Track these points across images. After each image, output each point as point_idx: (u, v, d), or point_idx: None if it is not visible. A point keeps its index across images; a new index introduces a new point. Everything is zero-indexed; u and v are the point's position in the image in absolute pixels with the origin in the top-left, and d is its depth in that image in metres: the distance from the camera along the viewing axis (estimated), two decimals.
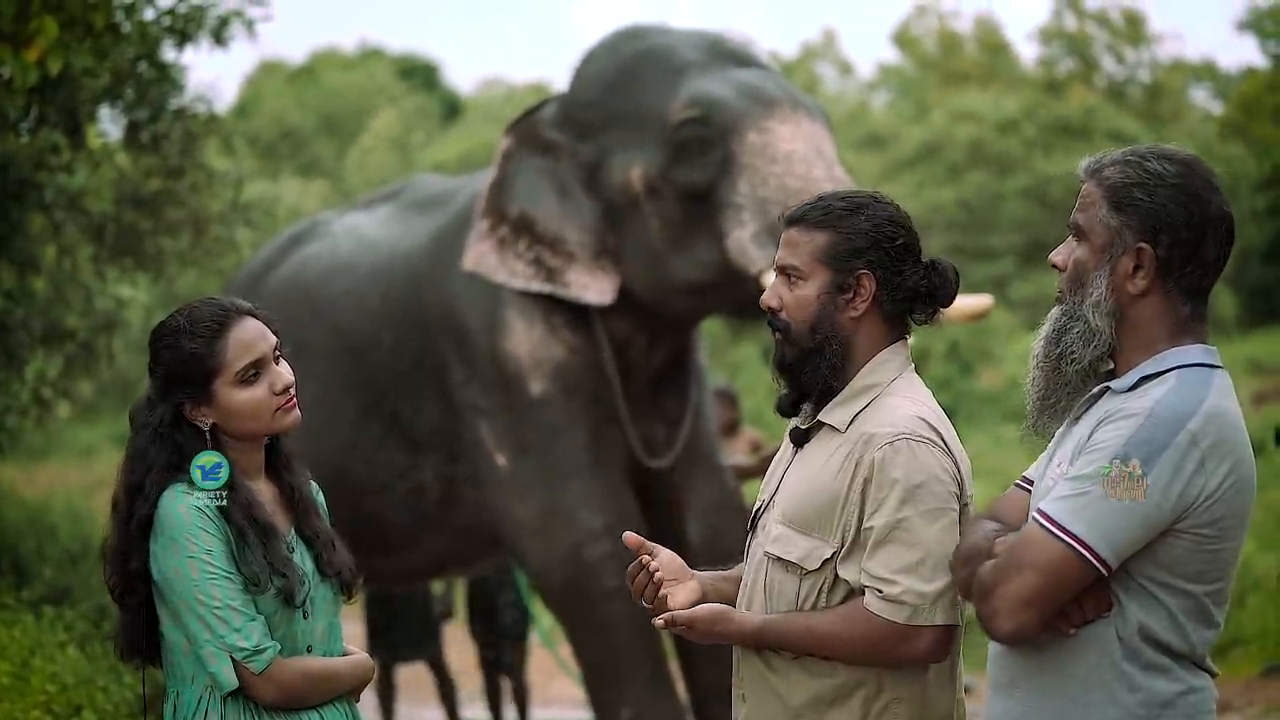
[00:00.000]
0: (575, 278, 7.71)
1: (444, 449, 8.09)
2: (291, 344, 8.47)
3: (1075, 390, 3.30)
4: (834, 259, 3.54)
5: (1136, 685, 3.16)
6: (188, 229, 11.09)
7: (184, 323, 3.67)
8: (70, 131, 8.77)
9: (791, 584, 3.51)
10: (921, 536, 3.39)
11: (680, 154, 7.51)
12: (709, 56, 7.75)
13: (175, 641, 3.64)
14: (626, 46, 7.89)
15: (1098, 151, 3.38)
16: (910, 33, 43.85)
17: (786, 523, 3.54)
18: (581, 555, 7.74)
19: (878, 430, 3.46)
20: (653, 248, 7.63)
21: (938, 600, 3.40)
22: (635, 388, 7.96)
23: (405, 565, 8.63)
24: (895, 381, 3.56)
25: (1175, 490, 3.09)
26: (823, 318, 3.54)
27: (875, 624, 3.40)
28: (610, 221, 7.74)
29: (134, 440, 3.68)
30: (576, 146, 7.80)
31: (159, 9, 9.10)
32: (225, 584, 3.55)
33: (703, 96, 7.51)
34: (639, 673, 7.74)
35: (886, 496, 3.41)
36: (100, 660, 7.63)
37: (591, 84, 7.88)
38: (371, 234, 8.63)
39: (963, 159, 31.72)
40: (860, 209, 3.57)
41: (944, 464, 3.46)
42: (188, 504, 3.57)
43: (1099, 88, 39.74)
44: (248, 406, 3.66)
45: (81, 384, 11.53)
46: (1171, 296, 3.24)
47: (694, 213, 7.51)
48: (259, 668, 3.56)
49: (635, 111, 7.68)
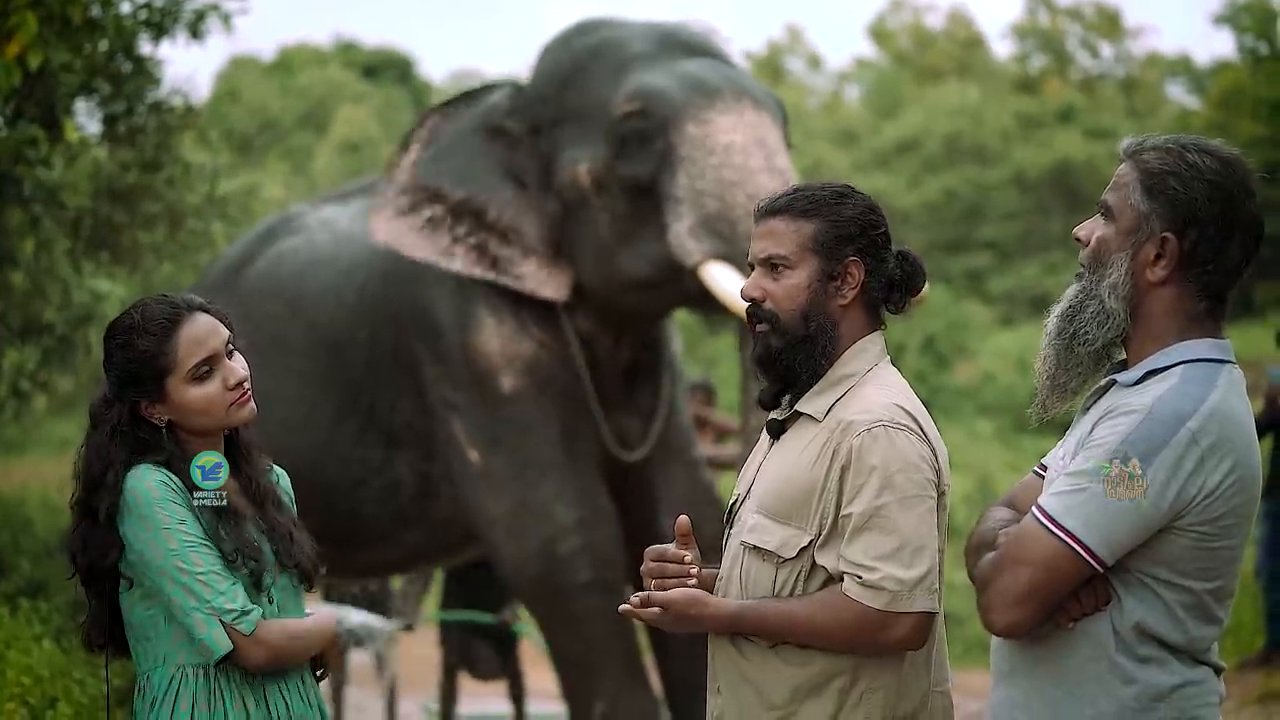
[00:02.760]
0: (530, 271, 7.70)
1: (419, 444, 8.09)
2: (270, 339, 8.49)
3: (1086, 372, 3.28)
4: (824, 247, 3.51)
5: (1132, 678, 3.15)
6: (164, 222, 11.09)
7: (136, 321, 3.67)
8: (48, 125, 8.76)
9: (768, 573, 3.50)
10: (900, 523, 3.38)
11: (623, 148, 7.48)
12: (659, 48, 7.70)
13: (142, 624, 3.66)
14: (579, 41, 7.87)
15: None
16: (885, 26, 43.92)
17: (763, 512, 3.52)
18: (555, 550, 7.74)
19: (855, 417, 3.44)
20: (602, 244, 7.61)
21: (916, 586, 3.38)
22: (606, 382, 7.95)
23: (381, 559, 8.63)
24: (872, 370, 3.55)
25: (1173, 489, 3.08)
26: (814, 306, 3.52)
27: (854, 609, 3.39)
28: (563, 217, 7.73)
29: (93, 436, 3.70)
30: (532, 140, 7.79)
31: (135, 3, 9.09)
32: (204, 550, 3.58)
33: (643, 89, 7.47)
34: (613, 666, 7.75)
35: (865, 483, 3.40)
36: (76, 653, 7.62)
37: (545, 78, 7.86)
38: (347, 228, 8.60)
39: (940, 153, 31.77)
40: (844, 197, 3.56)
41: (922, 451, 3.45)
42: (153, 479, 3.59)
43: (1074, 81, 39.84)
44: (201, 403, 3.66)
45: (59, 377, 11.53)
46: (1188, 291, 3.20)
47: (640, 207, 7.49)
48: (248, 628, 3.57)
49: (584, 106, 7.65)
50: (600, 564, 7.67)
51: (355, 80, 42.96)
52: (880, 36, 44.05)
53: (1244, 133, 23.75)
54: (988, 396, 23.35)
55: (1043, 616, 3.16)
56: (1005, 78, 39.10)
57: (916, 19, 43.56)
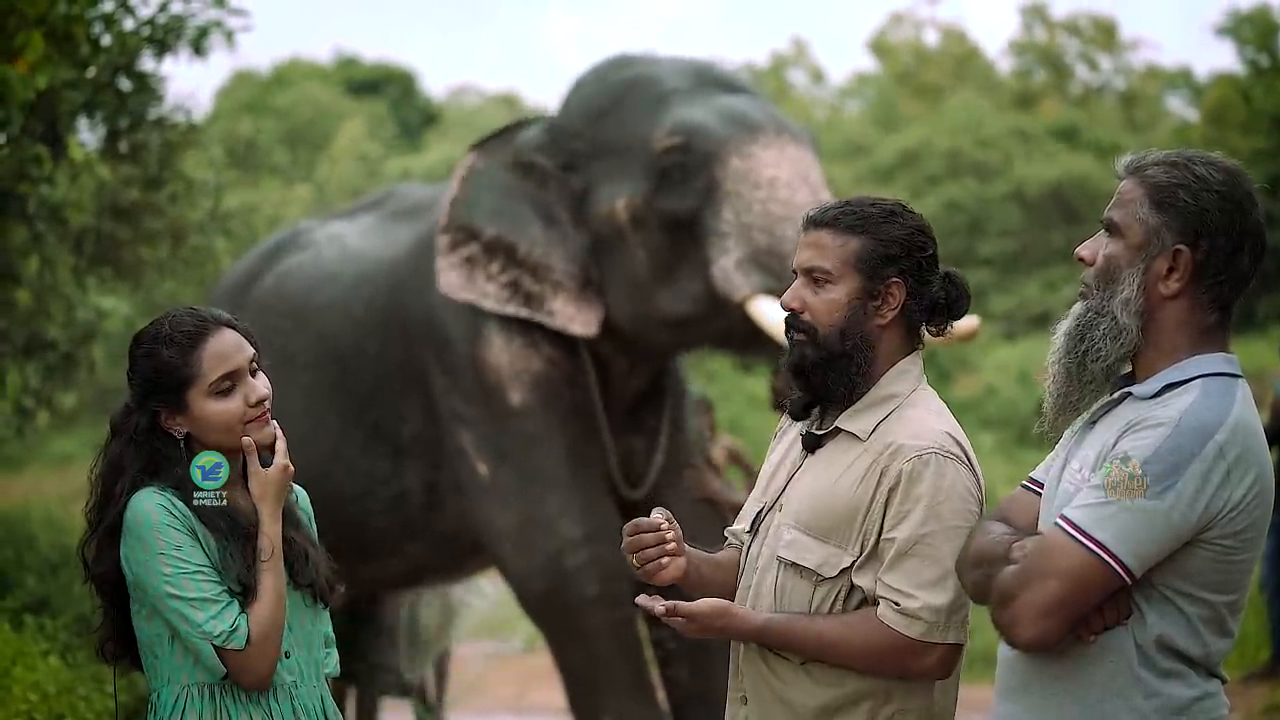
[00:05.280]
0: (561, 308, 7.69)
1: (426, 456, 8.10)
2: (277, 353, 8.53)
3: (1097, 388, 3.27)
4: (867, 265, 3.51)
5: (1153, 691, 3.15)
6: (167, 239, 11.09)
7: (163, 330, 3.68)
8: (51, 143, 8.76)
9: (804, 590, 3.50)
10: (942, 554, 3.38)
11: (664, 182, 7.46)
12: (694, 84, 7.70)
13: (150, 642, 3.66)
14: (613, 75, 7.87)
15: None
16: (887, 40, 43.93)
17: (802, 528, 3.51)
18: (561, 564, 7.75)
19: (906, 442, 3.45)
20: (638, 280, 7.59)
21: (951, 618, 3.40)
22: (616, 402, 7.97)
23: (387, 572, 8.64)
24: (915, 393, 3.56)
25: (1202, 502, 3.07)
26: (852, 323, 3.51)
27: (886, 635, 3.40)
28: (596, 252, 7.71)
29: (110, 446, 3.70)
30: (564, 175, 7.77)
31: (138, 20, 9.10)
32: (197, 577, 3.57)
33: (685, 123, 7.46)
34: (619, 680, 7.75)
35: (911, 510, 3.41)
36: (82, 669, 7.64)
37: (578, 113, 7.84)
38: (355, 243, 8.64)
39: (942, 168, 31.75)
40: (894, 216, 3.55)
41: (968, 483, 3.46)
42: (154, 503, 3.59)
43: (1074, 95, 39.85)
44: (220, 418, 3.67)
45: (62, 394, 11.53)
46: (1200, 303, 3.21)
47: (679, 242, 7.47)
48: (239, 643, 3.56)
49: (620, 141, 7.63)
50: (607, 578, 7.67)
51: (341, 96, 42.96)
52: (881, 51, 44.07)
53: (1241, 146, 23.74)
54: (990, 410, 23.29)
55: (1067, 630, 3.15)
56: (1005, 92, 39.10)
57: (916, 34, 43.58)
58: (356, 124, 39.59)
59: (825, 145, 32.79)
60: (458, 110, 46.14)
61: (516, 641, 14.78)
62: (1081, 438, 3.31)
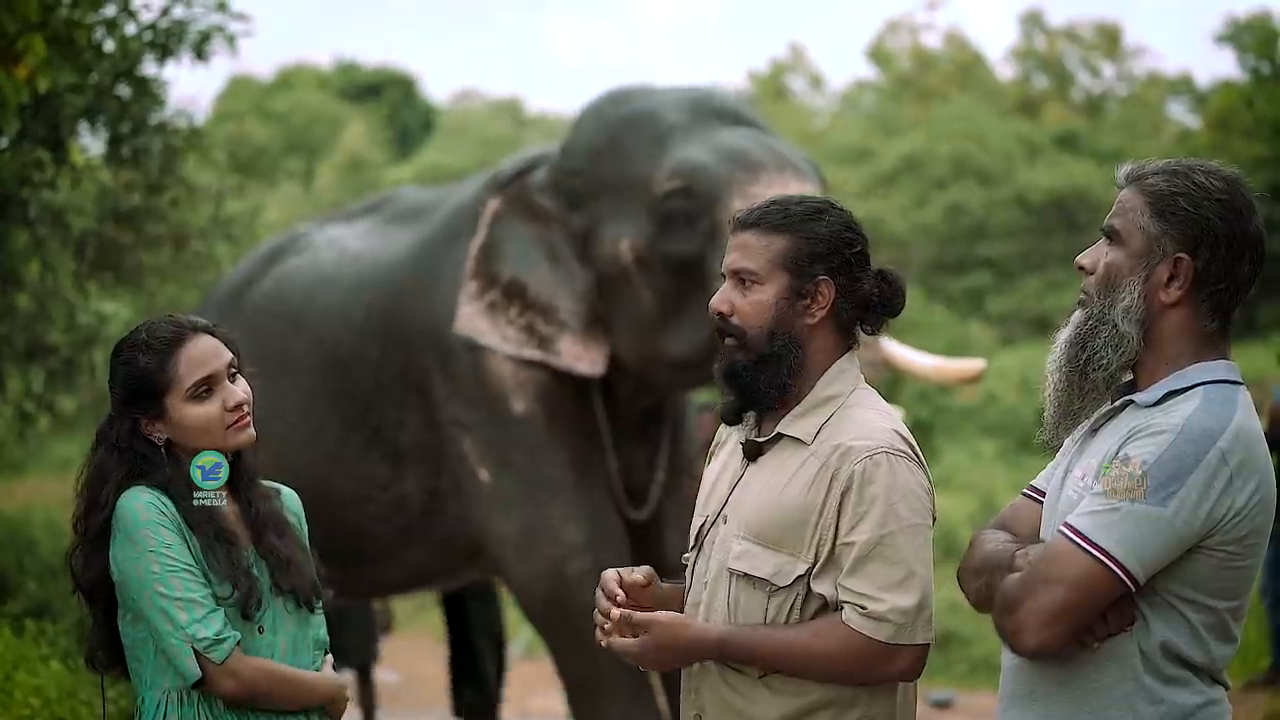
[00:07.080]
0: (567, 348, 7.69)
1: (426, 461, 8.10)
2: (275, 357, 8.52)
3: (1098, 397, 3.28)
4: (794, 264, 3.45)
5: (1158, 698, 3.15)
6: (168, 244, 11.09)
7: (141, 338, 3.73)
8: (53, 148, 8.77)
9: (759, 600, 3.43)
10: (904, 554, 3.34)
11: (667, 226, 7.44)
12: (693, 118, 7.63)
13: (134, 646, 3.68)
14: (612, 111, 7.82)
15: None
16: (885, 47, 43.93)
17: (752, 538, 3.44)
18: (563, 570, 7.75)
19: (855, 443, 3.39)
20: (644, 320, 7.59)
21: (918, 618, 3.35)
22: (618, 422, 7.99)
23: (385, 577, 8.64)
24: (855, 392, 3.50)
25: (1205, 509, 3.08)
26: (780, 323, 3.46)
27: (855, 640, 3.34)
28: (602, 291, 7.71)
29: (94, 455, 3.73)
30: (567, 215, 7.77)
31: (140, 24, 9.10)
32: (185, 576, 3.58)
33: (684, 166, 7.41)
34: (621, 688, 7.75)
35: (867, 512, 3.35)
36: (83, 674, 7.61)
37: (579, 152, 7.82)
38: (354, 247, 8.64)
39: (945, 173, 31.74)
40: (820, 214, 3.49)
41: (921, 479, 3.42)
42: (144, 500, 3.61)
43: (1076, 102, 39.85)
44: (199, 423, 3.70)
45: (64, 399, 11.54)
46: (1200, 311, 3.22)
47: (683, 285, 7.44)
48: (219, 657, 3.57)
49: (621, 180, 7.61)
50: None
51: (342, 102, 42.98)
52: (880, 58, 44.06)
53: (1244, 153, 23.75)
54: (990, 417, 23.28)
55: (1072, 637, 3.15)
56: (1007, 99, 39.11)
57: (915, 40, 43.58)
58: (357, 129, 39.62)
59: (826, 151, 32.77)
60: (460, 115, 46.17)
61: (517, 647, 14.77)
62: (1084, 446, 3.31)
